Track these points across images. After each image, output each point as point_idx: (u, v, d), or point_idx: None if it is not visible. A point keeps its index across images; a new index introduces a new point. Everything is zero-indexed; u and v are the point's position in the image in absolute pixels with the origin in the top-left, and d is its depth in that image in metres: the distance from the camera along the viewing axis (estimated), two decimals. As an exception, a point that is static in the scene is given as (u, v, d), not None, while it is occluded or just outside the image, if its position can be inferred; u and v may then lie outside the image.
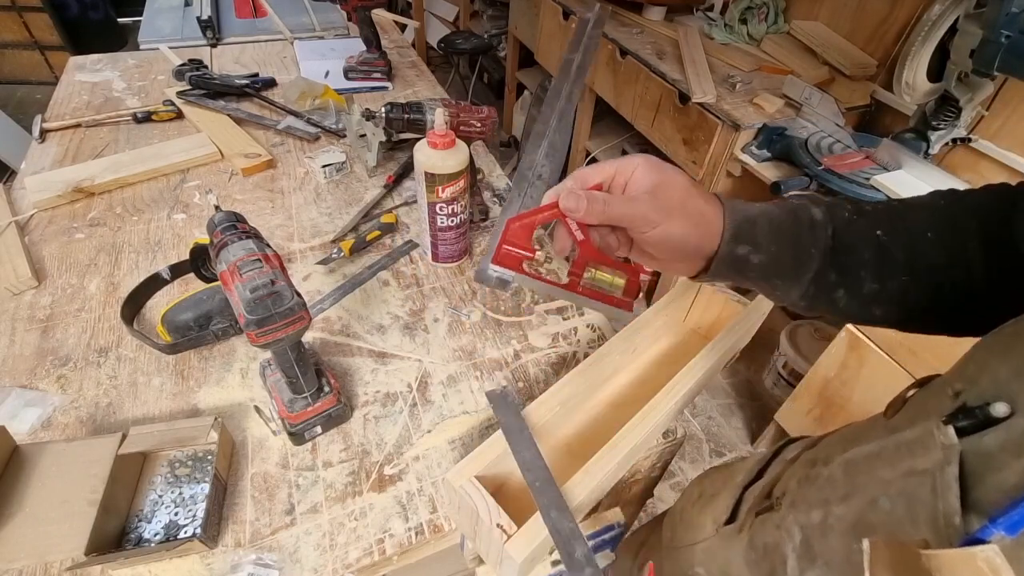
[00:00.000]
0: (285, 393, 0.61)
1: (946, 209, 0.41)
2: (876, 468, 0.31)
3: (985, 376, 0.27)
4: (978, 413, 0.25)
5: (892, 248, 0.40)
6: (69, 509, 0.52)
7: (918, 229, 0.40)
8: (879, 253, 0.40)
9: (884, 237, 0.40)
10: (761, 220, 0.41)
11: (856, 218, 0.41)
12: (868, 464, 0.32)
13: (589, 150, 2.24)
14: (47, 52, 3.05)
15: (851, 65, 1.56)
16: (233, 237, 0.52)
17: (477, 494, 0.49)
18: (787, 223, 0.41)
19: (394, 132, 0.96)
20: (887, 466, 0.30)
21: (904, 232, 0.40)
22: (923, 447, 0.27)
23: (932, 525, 0.25)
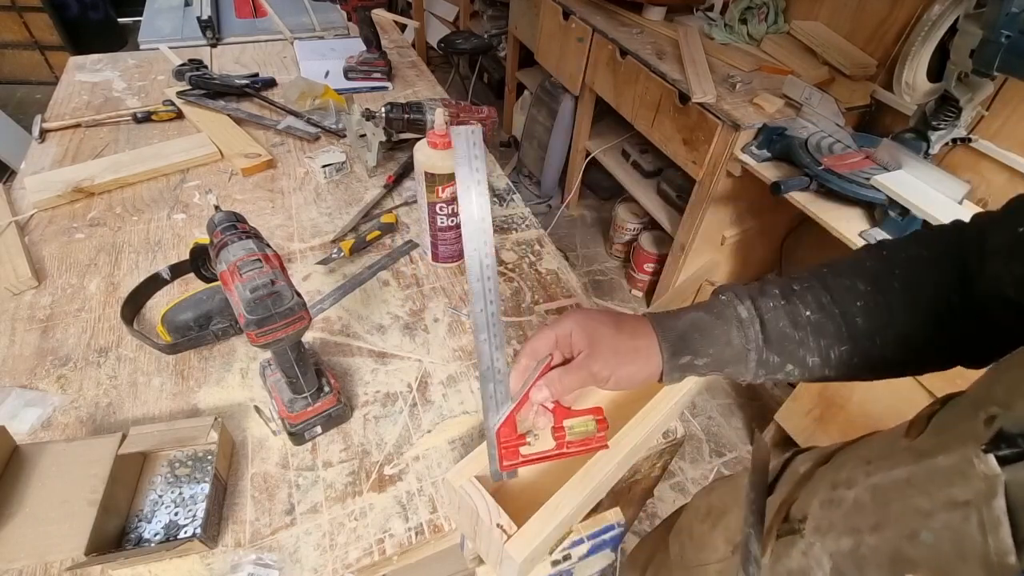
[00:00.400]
0: (285, 393, 0.61)
1: (872, 271, 0.43)
2: (909, 496, 0.29)
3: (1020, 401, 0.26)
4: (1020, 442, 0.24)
5: (824, 324, 0.42)
6: (69, 509, 0.52)
7: (846, 300, 0.42)
8: (813, 332, 0.43)
9: (814, 316, 0.42)
10: (691, 333, 0.44)
11: (784, 303, 0.43)
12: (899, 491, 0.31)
13: (589, 150, 2.24)
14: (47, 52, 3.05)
15: (851, 65, 1.56)
16: (233, 237, 0.52)
17: (477, 494, 0.49)
18: (717, 328, 0.44)
19: (394, 132, 0.96)
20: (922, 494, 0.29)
21: (833, 305, 0.42)
22: (962, 476, 0.26)
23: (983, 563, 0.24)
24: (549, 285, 0.88)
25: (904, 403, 1.21)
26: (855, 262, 0.44)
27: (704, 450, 1.69)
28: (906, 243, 0.44)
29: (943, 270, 0.41)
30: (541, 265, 0.91)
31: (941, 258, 0.42)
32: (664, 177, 1.98)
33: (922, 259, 0.42)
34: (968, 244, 0.41)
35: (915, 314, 0.41)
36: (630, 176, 2.12)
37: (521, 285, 0.87)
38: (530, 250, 0.94)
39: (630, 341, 0.44)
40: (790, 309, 0.43)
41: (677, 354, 0.44)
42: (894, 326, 0.42)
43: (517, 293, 0.86)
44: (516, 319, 0.82)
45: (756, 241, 1.90)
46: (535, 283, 0.88)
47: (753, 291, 0.45)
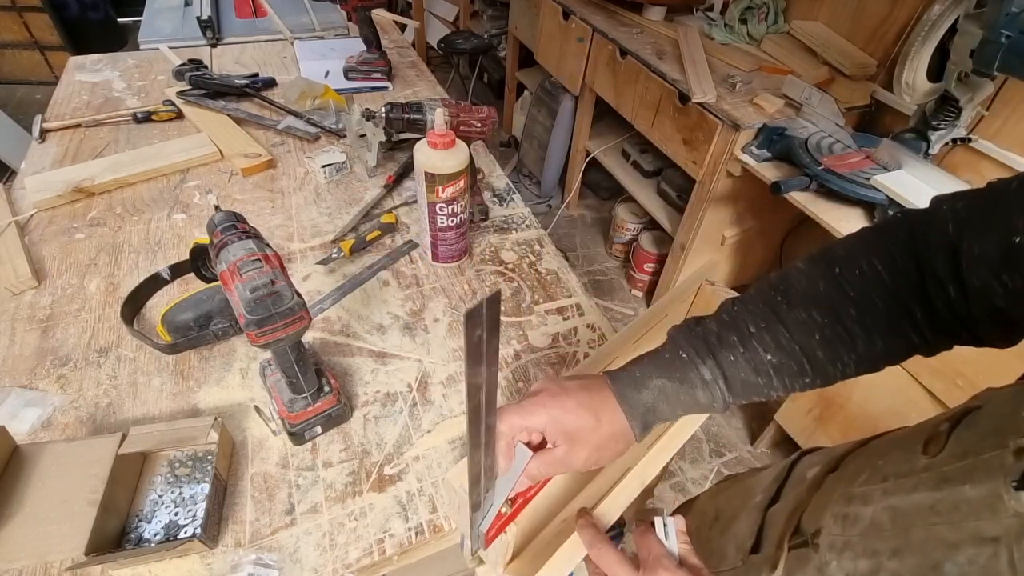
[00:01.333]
0: (285, 393, 0.61)
1: (826, 299, 0.42)
2: (933, 524, 0.29)
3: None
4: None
5: (786, 363, 0.43)
6: (69, 509, 0.52)
7: (804, 335, 0.42)
8: (776, 374, 0.43)
9: (775, 359, 0.43)
10: (659, 403, 0.45)
11: (743, 351, 0.43)
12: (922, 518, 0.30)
13: (589, 150, 2.24)
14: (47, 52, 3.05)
15: (851, 65, 1.56)
16: (233, 237, 0.52)
17: None
18: (682, 393, 0.44)
19: (394, 132, 0.96)
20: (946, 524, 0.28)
21: (792, 343, 0.42)
22: (991, 511, 0.26)
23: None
24: (549, 285, 0.88)
25: (904, 404, 1.21)
26: (808, 287, 0.43)
27: (704, 450, 1.69)
28: (857, 254, 0.43)
29: (900, 285, 0.40)
30: (541, 265, 0.91)
31: (896, 271, 0.41)
32: (664, 177, 1.98)
33: (876, 278, 0.41)
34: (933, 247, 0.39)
35: (873, 337, 0.41)
36: (630, 176, 2.12)
37: (521, 285, 0.87)
38: (530, 250, 0.94)
39: (604, 430, 0.44)
40: (750, 356, 0.43)
41: (647, 426, 0.45)
42: (852, 351, 0.42)
43: (517, 293, 0.86)
44: (516, 319, 0.82)
45: (756, 241, 1.90)
46: (535, 283, 0.88)
47: (712, 340, 0.44)
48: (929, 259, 0.39)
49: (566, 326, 0.82)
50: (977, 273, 0.35)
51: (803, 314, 0.42)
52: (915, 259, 0.40)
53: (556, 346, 0.79)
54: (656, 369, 0.45)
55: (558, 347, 0.78)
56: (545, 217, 2.53)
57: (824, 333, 0.41)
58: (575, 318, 0.83)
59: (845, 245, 0.44)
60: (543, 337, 0.80)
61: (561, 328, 0.81)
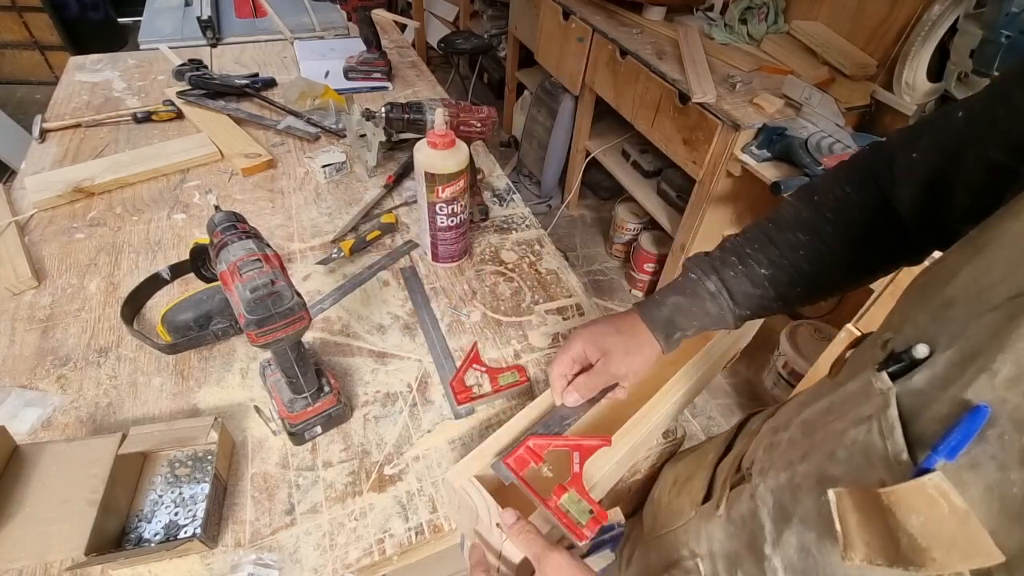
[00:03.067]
0: (285, 393, 0.61)
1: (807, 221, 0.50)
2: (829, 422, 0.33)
3: (907, 324, 0.31)
4: (904, 357, 0.29)
5: (778, 276, 0.51)
6: (69, 509, 0.52)
7: (791, 252, 0.50)
8: (771, 285, 0.51)
9: (768, 272, 0.51)
10: (676, 315, 0.53)
11: (742, 268, 0.52)
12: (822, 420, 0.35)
13: (589, 150, 2.24)
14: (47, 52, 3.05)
15: (851, 65, 1.56)
16: (233, 237, 0.52)
17: (477, 494, 0.49)
18: (694, 306, 0.53)
19: (394, 132, 0.96)
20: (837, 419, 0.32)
21: (782, 259, 0.50)
22: (865, 396, 0.30)
23: (886, 465, 0.27)
24: (549, 285, 0.88)
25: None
26: (793, 213, 0.52)
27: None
28: (831, 183, 0.51)
29: (866, 203, 0.48)
30: (541, 265, 0.91)
31: (863, 192, 0.48)
32: (664, 177, 1.98)
33: (848, 198, 0.49)
34: (882, 169, 0.47)
35: (851, 248, 0.49)
36: (630, 176, 2.12)
37: (521, 285, 0.87)
38: (530, 250, 0.94)
39: (632, 339, 0.53)
40: (748, 272, 0.51)
41: (669, 335, 0.53)
42: (836, 263, 0.49)
43: (517, 293, 0.86)
44: (516, 319, 0.82)
45: (756, 241, 1.90)
46: (535, 283, 0.88)
47: (716, 262, 0.53)
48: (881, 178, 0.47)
49: (566, 326, 0.82)
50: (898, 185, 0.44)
51: (790, 235, 0.50)
52: (874, 179, 0.48)
53: (556, 346, 0.79)
54: (671, 290, 0.54)
55: (558, 347, 0.78)
56: (545, 217, 2.53)
57: (808, 249, 0.49)
58: (575, 318, 0.83)
59: (823, 178, 0.53)
60: (543, 337, 0.80)
61: (561, 328, 0.81)
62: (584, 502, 0.47)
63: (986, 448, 0.24)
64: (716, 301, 0.52)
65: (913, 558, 0.24)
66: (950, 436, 0.24)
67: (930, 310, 0.29)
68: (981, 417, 0.24)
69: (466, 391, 0.70)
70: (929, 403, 0.26)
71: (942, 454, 0.24)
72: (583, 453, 0.51)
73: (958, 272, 0.29)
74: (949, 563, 0.23)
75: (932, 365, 0.27)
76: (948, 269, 0.30)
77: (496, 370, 0.73)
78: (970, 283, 0.28)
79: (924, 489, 0.24)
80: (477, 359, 0.73)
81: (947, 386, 0.26)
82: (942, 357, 0.27)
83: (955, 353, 0.26)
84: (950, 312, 0.28)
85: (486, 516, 0.47)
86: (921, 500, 0.24)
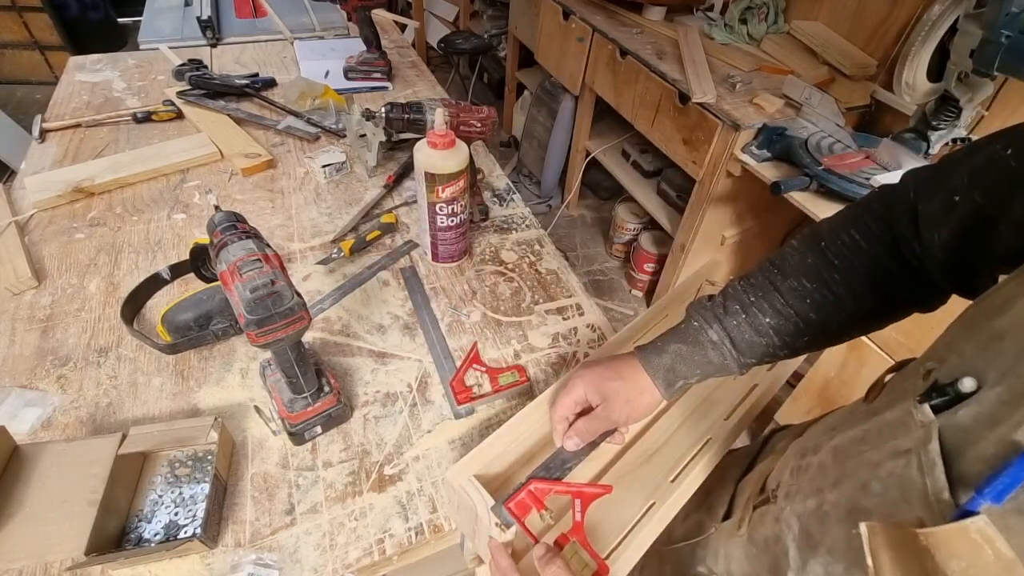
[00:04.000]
0: (285, 393, 0.61)
1: (814, 268, 0.48)
2: (863, 452, 0.32)
3: (953, 355, 0.29)
4: (949, 390, 0.27)
5: (783, 325, 0.49)
6: (69, 509, 0.52)
7: (796, 300, 0.48)
8: (776, 334, 0.49)
9: (773, 321, 0.49)
10: (677, 363, 0.52)
11: (745, 317, 0.50)
12: (855, 448, 0.33)
13: (589, 150, 2.24)
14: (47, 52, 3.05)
15: (851, 65, 1.56)
16: (233, 237, 0.52)
17: (476, 493, 0.49)
18: (696, 354, 0.51)
19: (394, 132, 0.96)
20: (872, 449, 0.31)
21: (787, 308, 0.49)
22: (904, 427, 0.29)
23: (924, 502, 0.26)
24: (549, 285, 0.88)
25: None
26: (799, 260, 0.50)
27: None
28: (838, 228, 0.49)
29: (876, 250, 0.46)
30: (541, 265, 0.91)
31: (872, 238, 0.46)
32: (664, 177, 1.98)
33: (855, 245, 0.47)
34: (899, 213, 0.45)
35: (858, 296, 0.47)
36: (630, 176, 2.12)
37: (521, 285, 0.87)
38: (530, 250, 0.94)
39: (633, 385, 0.52)
40: (751, 320, 0.50)
41: (670, 384, 0.52)
42: (842, 310, 0.47)
43: (517, 293, 0.86)
44: (516, 319, 0.82)
45: (756, 241, 1.90)
46: (535, 283, 0.88)
47: (718, 309, 0.51)
48: (897, 222, 0.44)
49: (566, 326, 0.82)
50: (927, 228, 0.41)
51: (794, 282, 0.49)
52: (888, 224, 0.45)
53: (556, 346, 0.79)
54: (673, 336, 0.53)
55: (558, 347, 0.78)
56: (545, 217, 2.53)
57: (814, 297, 0.48)
58: (575, 318, 0.83)
59: (830, 222, 0.51)
60: (543, 337, 0.80)
61: (561, 328, 0.81)
62: (586, 553, 0.48)
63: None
64: (719, 350, 0.51)
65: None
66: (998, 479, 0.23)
67: (979, 342, 0.28)
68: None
69: (466, 391, 0.70)
70: (975, 441, 0.25)
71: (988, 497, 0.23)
72: (584, 501, 0.52)
73: (1013, 304, 0.27)
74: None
75: (979, 401, 0.26)
76: (1001, 300, 0.29)
77: (496, 370, 0.73)
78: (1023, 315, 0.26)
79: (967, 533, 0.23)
80: (477, 359, 0.73)
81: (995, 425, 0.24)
82: (991, 393, 0.25)
83: (1005, 391, 0.25)
84: (1001, 346, 0.26)
85: (485, 515, 0.48)
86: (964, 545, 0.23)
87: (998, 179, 0.36)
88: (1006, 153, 0.36)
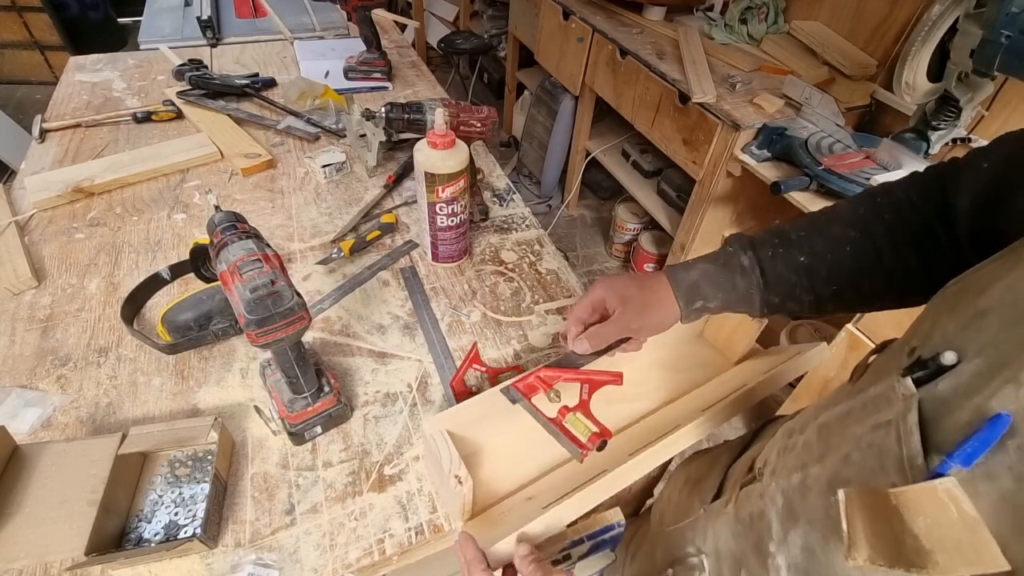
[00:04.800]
0: (285, 393, 0.61)
1: (863, 218, 0.48)
2: (847, 427, 0.33)
3: (936, 331, 0.30)
4: (930, 364, 0.28)
5: (816, 268, 0.49)
6: (69, 509, 0.52)
7: (836, 247, 0.48)
8: (807, 274, 0.49)
9: (806, 260, 0.49)
10: (702, 281, 0.52)
11: (782, 251, 0.50)
12: (840, 424, 0.34)
13: (589, 150, 2.24)
14: (47, 52, 3.05)
15: (851, 65, 1.56)
16: (233, 237, 0.52)
17: (444, 445, 0.51)
18: (723, 276, 0.52)
19: (394, 132, 0.96)
20: (856, 423, 0.32)
21: (824, 252, 0.48)
22: (886, 401, 0.30)
23: (899, 469, 0.27)
24: (549, 285, 0.88)
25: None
26: (851, 210, 0.49)
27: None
28: (894, 187, 0.49)
29: (926, 208, 0.45)
30: (541, 265, 0.91)
31: (925, 197, 0.46)
32: (664, 177, 1.98)
33: (909, 202, 0.47)
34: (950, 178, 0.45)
35: (899, 252, 0.46)
36: (630, 176, 2.12)
37: (521, 285, 0.87)
38: (530, 250, 0.94)
39: (652, 295, 0.53)
40: (786, 255, 0.49)
41: (691, 301, 0.52)
42: (879, 266, 0.47)
43: (517, 293, 0.86)
44: (516, 319, 0.82)
45: (756, 241, 1.90)
46: (535, 283, 0.88)
47: (756, 241, 0.51)
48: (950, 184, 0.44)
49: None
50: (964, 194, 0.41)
51: (838, 230, 0.48)
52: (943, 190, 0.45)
53: (556, 346, 0.79)
54: (704, 258, 0.53)
55: (558, 347, 0.78)
56: (545, 217, 2.53)
57: (854, 246, 0.47)
58: (575, 318, 0.83)
59: (887, 183, 0.50)
60: (543, 337, 0.80)
61: (561, 328, 0.81)
62: (589, 422, 0.49)
63: (1004, 458, 0.23)
64: (747, 277, 0.50)
65: (915, 560, 0.24)
66: (967, 443, 0.24)
67: (961, 319, 0.29)
68: (1002, 426, 0.23)
69: (466, 391, 0.70)
70: (951, 411, 0.26)
71: (957, 460, 0.24)
72: (592, 386, 0.54)
73: (995, 282, 0.28)
74: (952, 567, 0.23)
75: (958, 374, 0.27)
76: (984, 279, 0.29)
77: (496, 370, 0.73)
78: (1006, 293, 0.27)
79: (935, 492, 0.24)
80: (477, 359, 0.73)
81: (971, 395, 0.25)
82: (969, 366, 0.26)
83: (983, 363, 0.26)
84: (982, 322, 0.27)
85: (447, 465, 0.50)
86: (930, 503, 0.24)
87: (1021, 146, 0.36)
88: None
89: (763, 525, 0.39)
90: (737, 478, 0.48)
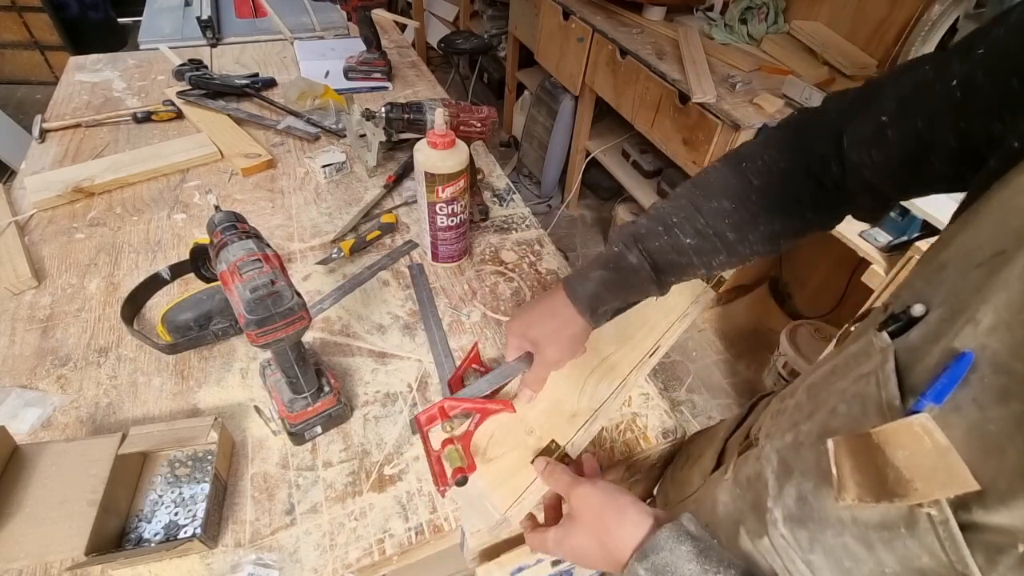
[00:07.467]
0: (285, 393, 0.61)
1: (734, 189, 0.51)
2: (833, 383, 0.35)
3: (905, 289, 0.34)
4: (902, 317, 0.31)
5: (702, 245, 0.51)
6: (69, 509, 0.52)
7: (716, 221, 0.51)
8: (695, 253, 0.52)
9: (693, 242, 0.51)
10: (600, 290, 0.54)
11: (667, 239, 0.52)
12: (826, 382, 0.37)
13: (589, 150, 2.24)
14: (47, 52, 3.05)
15: (851, 65, 1.56)
16: (233, 237, 0.52)
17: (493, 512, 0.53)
18: (617, 280, 0.54)
19: (394, 132, 0.96)
20: (841, 379, 0.34)
21: (707, 228, 0.51)
22: (866, 355, 0.32)
23: (880, 413, 0.29)
24: (549, 285, 0.88)
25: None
26: (722, 182, 0.52)
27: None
28: (759, 151, 0.51)
29: (795, 169, 0.49)
30: (541, 265, 0.91)
31: (792, 156, 0.49)
32: (664, 177, 1.98)
33: (774, 164, 0.50)
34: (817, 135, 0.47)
35: (773, 216, 0.50)
36: (630, 176, 2.12)
37: (521, 285, 0.87)
38: (530, 250, 0.94)
39: (558, 320, 0.56)
40: (672, 241, 0.52)
41: (595, 310, 0.55)
42: (758, 230, 0.51)
43: (517, 293, 0.86)
44: (516, 319, 0.82)
45: (756, 241, 1.90)
46: (535, 283, 0.88)
47: (640, 234, 0.53)
48: (817, 144, 0.47)
49: (566, 326, 0.82)
50: (855, 151, 0.43)
51: (715, 203, 0.51)
52: (804, 147, 0.48)
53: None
54: (596, 262, 0.55)
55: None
56: (545, 217, 2.53)
57: (733, 218, 0.50)
58: (575, 318, 0.83)
59: (751, 144, 0.53)
60: (543, 337, 0.80)
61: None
62: (464, 454, 0.53)
63: (968, 391, 0.25)
64: (639, 273, 0.53)
65: (897, 489, 0.26)
66: (937, 382, 0.26)
67: (926, 274, 0.32)
68: (966, 363, 0.25)
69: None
70: (922, 356, 0.28)
71: (930, 398, 0.26)
72: (483, 416, 0.58)
73: (953, 239, 0.31)
74: (929, 491, 0.25)
75: (927, 323, 0.29)
76: (944, 239, 0.33)
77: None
78: (961, 247, 0.30)
79: (911, 427, 0.26)
80: (477, 359, 0.73)
81: (938, 339, 0.28)
82: (935, 314, 0.29)
83: (947, 310, 0.28)
84: (943, 274, 0.30)
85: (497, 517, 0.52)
86: (907, 437, 0.26)
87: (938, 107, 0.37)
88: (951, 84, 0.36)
89: (760, 485, 0.41)
90: (735, 448, 0.50)
